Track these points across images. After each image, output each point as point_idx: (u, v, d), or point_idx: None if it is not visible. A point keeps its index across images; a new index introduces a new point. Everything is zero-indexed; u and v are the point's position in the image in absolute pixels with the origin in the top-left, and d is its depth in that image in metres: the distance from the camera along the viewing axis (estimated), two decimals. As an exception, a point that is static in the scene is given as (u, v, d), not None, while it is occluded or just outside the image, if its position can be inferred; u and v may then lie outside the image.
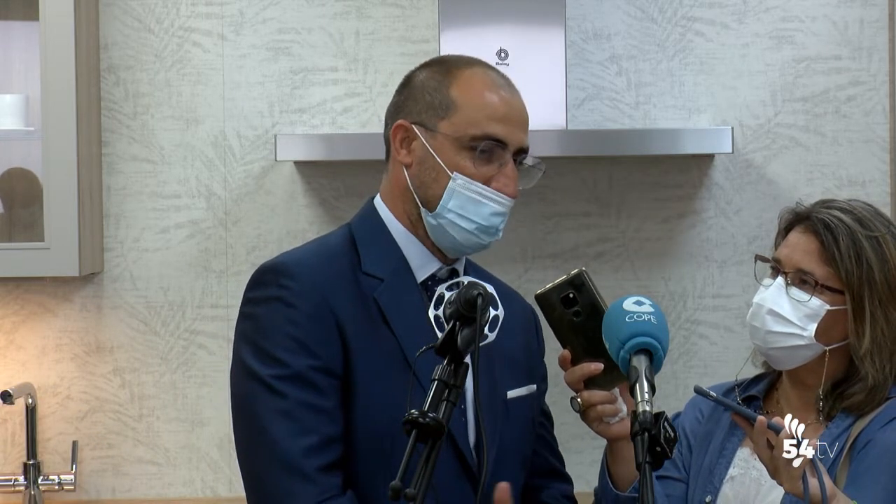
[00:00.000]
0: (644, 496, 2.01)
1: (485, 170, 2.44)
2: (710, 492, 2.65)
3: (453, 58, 2.58)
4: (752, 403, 2.72)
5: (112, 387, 3.78)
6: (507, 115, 2.46)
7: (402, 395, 2.31)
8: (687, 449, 2.73)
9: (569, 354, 2.44)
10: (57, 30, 3.55)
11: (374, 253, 2.49)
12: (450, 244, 2.48)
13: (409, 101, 2.50)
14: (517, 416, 2.54)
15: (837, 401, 2.62)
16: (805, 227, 2.65)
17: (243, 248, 3.77)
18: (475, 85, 2.47)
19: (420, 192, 2.47)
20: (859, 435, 2.56)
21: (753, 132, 3.76)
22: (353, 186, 3.76)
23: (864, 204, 2.68)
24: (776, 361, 2.68)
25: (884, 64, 3.75)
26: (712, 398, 2.40)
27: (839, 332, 2.61)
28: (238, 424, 2.44)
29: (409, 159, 2.48)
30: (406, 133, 2.48)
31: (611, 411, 2.44)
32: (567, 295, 2.43)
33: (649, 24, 3.76)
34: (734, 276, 3.76)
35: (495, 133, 2.44)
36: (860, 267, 2.58)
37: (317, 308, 2.40)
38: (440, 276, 2.51)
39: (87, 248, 3.62)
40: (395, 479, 1.99)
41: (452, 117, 2.45)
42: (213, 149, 3.78)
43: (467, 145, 2.44)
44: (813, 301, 2.59)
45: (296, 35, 3.78)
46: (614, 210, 3.78)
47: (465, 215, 2.44)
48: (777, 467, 2.37)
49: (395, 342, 2.43)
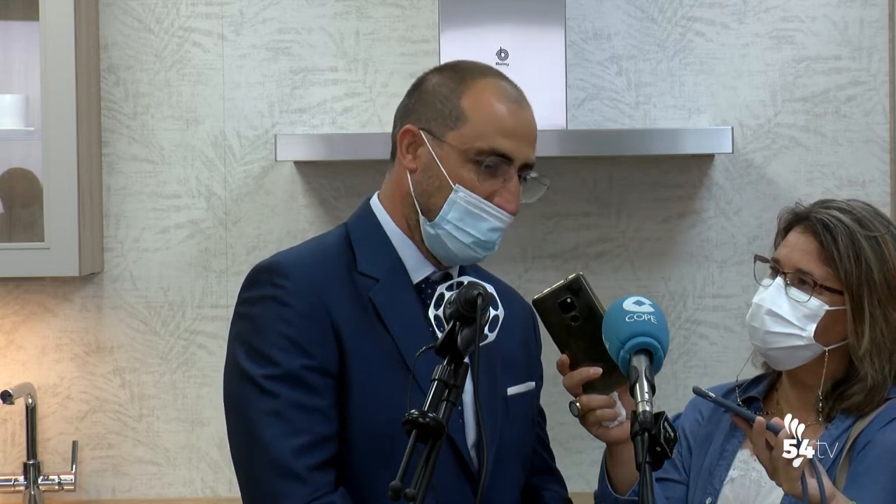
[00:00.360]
0: (644, 496, 2.01)
1: (488, 184, 2.43)
2: (710, 493, 2.64)
3: (467, 65, 2.55)
4: (752, 404, 2.71)
5: (112, 387, 3.78)
6: (516, 130, 2.45)
7: (399, 395, 2.32)
8: (687, 450, 2.73)
9: (567, 359, 2.43)
10: (57, 30, 3.55)
11: (369, 253, 2.48)
12: (445, 254, 2.48)
13: (419, 106, 2.48)
14: (517, 414, 2.54)
15: (837, 401, 2.62)
16: (804, 227, 2.64)
17: (243, 248, 3.77)
18: (486, 97, 2.45)
19: (421, 200, 2.46)
20: (859, 435, 2.56)
21: (753, 132, 3.76)
22: (353, 186, 3.75)
23: (864, 204, 2.67)
24: (775, 362, 2.67)
25: (884, 64, 3.75)
26: (711, 399, 2.39)
27: (838, 333, 2.61)
28: (231, 425, 2.44)
29: (414, 165, 2.47)
30: (413, 138, 2.47)
31: (609, 415, 2.44)
32: (565, 300, 2.42)
33: (649, 24, 3.76)
34: (734, 276, 3.76)
35: (502, 148, 2.43)
36: (859, 267, 2.58)
37: (311, 307, 2.40)
38: (434, 280, 2.51)
39: (87, 248, 3.62)
40: (395, 479, 1.99)
41: (461, 128, 2.43)
42: (213, 149, 3.78)
43: (473, 158, 2.42)
44: (812, 301, 2.59)
45: (296, 35, 3.78)
46: (614, 210, 3.78)
47: (464, 228, 2.44)
48: (776, 468, 2.37)
49: (391, 342, 2.42)
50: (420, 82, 2.53)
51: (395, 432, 2.25)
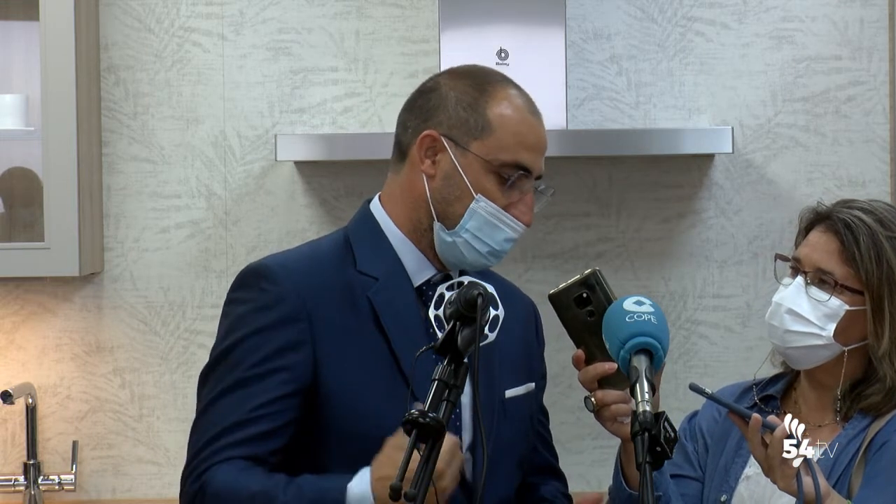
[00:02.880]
0: (644, 496, 2.01)
1: (508, 195, 2.44)
2: (726, 491, 2.65)
3: (482, 72, 2.54)
4: (769, 403, 2.71)
5: (112, 387, 3.78)
6: (536, 144, 2.47)
7: (387, 397, 2.34)
8: (703, 448, 2.73)
9: (583, 354, 2.44)
10: (57, 30, 3.55)
11: (370, 253, 2.49)
12: (457, 261, 2.49)
13: (439, 112, 2.47)
14: (515, 416, 2.54)
15: (855, 401, 2.62)
16: (825, 226, 2.64)
17: (243, 248, 3.77)
18: (511, 110, 2.46)
19: (439, 207, 2.45)
20: (875, 436, 2.56)
21: (753, 132, 3.76)
22: (353, 186, 3.75)
23: (886, 204, 2.67)
24: (794, 361, 2.67)
25: (884, 64, 3.75)
26: (707, 395, 2.40)
27: (858, 333, 2.61)
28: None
29: (434, 171, 2.46)
30: (433, 143, 2.46)
31: (625, 411, 2.43)
32: (580, 294, 2.43)
33: (649, 24, 3.76)
34: (734, 276, 3.76)
35: (524, 161, 2.44)
36: (880, 267, 2.58)
37: (293, 313, 2.40)
38: (435, 282, 2.51)
39: (87, 248, 3.62)
40: (395, 480, 1.99)
41: (486, 139, 2.44)
42: (213, 149, 3.78)
43: (496, 169, 2.43)
44: (832, 301, 2.59)
45: (296, 35, 3.78)
46: (614, 210, 3.78)
47: (481, 237, 2.45)
48: (771, 466, 2.37)
49: (384, 342, 2.42)
50: (434, 86, 2.51)
51: (386, 432, 2.26)
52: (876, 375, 2.60)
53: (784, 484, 2.37)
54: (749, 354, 3.72)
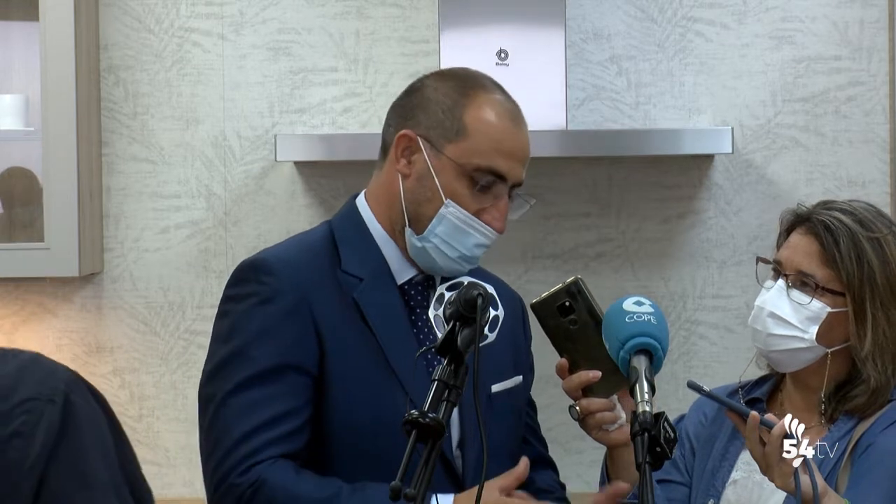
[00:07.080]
0: (644, 496, 2.01)
1: (479, 200, 2.44)
2: (713, 495, 2.64)
3: (469, 75, 2.54)
4: (755, 405, 2.70)
5: (112, 387, 3.78)
6: (513, 150, 2.45)
7: (381, 395, 2.36)
8: (690, 452, 2.72)
9: (566, 363, 2.43)
10: (57, 30, 3.55)
11: (353, 253, 2.49)
12: (428, 266, 2.49)
13: (418, 112, 2.47)
14: (502, 410, 2.54)
15: (840, 403, 2.61)
16: (806, 228, 2.63)
17: (243, 248, 3.77)
18: (488, 114, 2.45)
19: (410, 208, 2.46)
20: (861, 437, 2.55)
21: (753, 132, 3.76)
22: (353, 186, 3.72)
23: (866, 205, 2.66)
24: (778, 364, 2.67)
25: (884, 64, 3.75)
26: (704, 393, 2.39)
27: (841, 335, 2.60)
28: (203, 425, 2.45)
29: (409, 171, 2.46)
30: (409, 143, 2.46)
31: (609, 418, 2.43)
32: (563, 303, 2.42)
33: (649, 25, 3.76)
34: (734, 276, 3.76)
35: (498, 167, 2.43)
36: (861, 268, 2.57)
37: (295, 305, 2.40)
38: (417, 281, 2.51)
39: (86, 249, 3.62)
40: (396, 480, 1.99)
41: (461, 142, 2.43)
42: (213, 149, 3.78)
43: (469, 174, 2.43)
44: (814, 303, 2.59)
45: (296, 35, 3.78)
46: (614, 210, 3.78)
47: (450, 243, 2.44)
48: (769, 464, 2.37)
49: (374, 342, 2.43)
50: (419, 86, 2.52)
51: (379, 431, 2.26)
52: (860, 377, 2.59)
53: (781, 483, 2.37)
54: (749, 355, 3.68)
